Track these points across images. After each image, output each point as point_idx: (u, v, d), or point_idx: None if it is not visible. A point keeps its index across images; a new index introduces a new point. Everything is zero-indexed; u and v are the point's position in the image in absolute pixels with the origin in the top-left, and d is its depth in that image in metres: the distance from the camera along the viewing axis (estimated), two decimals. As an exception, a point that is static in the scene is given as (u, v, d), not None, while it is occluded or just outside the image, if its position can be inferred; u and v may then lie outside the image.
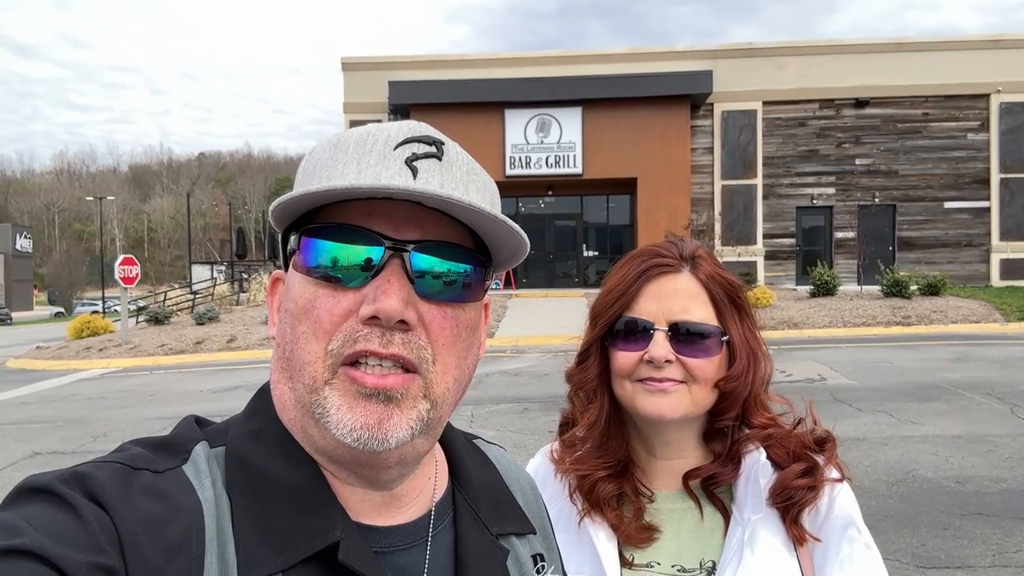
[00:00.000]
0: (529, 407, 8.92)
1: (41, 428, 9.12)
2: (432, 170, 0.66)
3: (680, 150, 23.91)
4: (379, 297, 0.63)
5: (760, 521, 1.11)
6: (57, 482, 0.59)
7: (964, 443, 6.67)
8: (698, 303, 1.17)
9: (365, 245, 0.65)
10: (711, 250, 1.18)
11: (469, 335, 0.71)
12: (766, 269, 24.39)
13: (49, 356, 17.84)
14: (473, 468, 0.83)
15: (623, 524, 1.17)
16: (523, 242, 0.70)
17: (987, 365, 11.11)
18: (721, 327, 1.17)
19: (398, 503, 0.72)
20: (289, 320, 0.68)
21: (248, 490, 0.65)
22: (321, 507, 0.66)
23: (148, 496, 0.60)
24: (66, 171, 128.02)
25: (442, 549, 0.74)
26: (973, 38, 24.73)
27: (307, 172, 0.70)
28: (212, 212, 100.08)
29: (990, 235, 24.14)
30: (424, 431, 0.67)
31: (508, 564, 0.77)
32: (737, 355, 1.17)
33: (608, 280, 1.25)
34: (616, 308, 1.20)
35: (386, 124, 0.70)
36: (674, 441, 1.21)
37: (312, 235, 0.67)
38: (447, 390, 0.69)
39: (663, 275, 1.19)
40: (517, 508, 0.85)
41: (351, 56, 26.25)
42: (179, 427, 0.71)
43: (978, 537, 4.54)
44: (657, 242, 1.28)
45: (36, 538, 0.53)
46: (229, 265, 36.70)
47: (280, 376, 0.70)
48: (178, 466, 0.65)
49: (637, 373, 1.16)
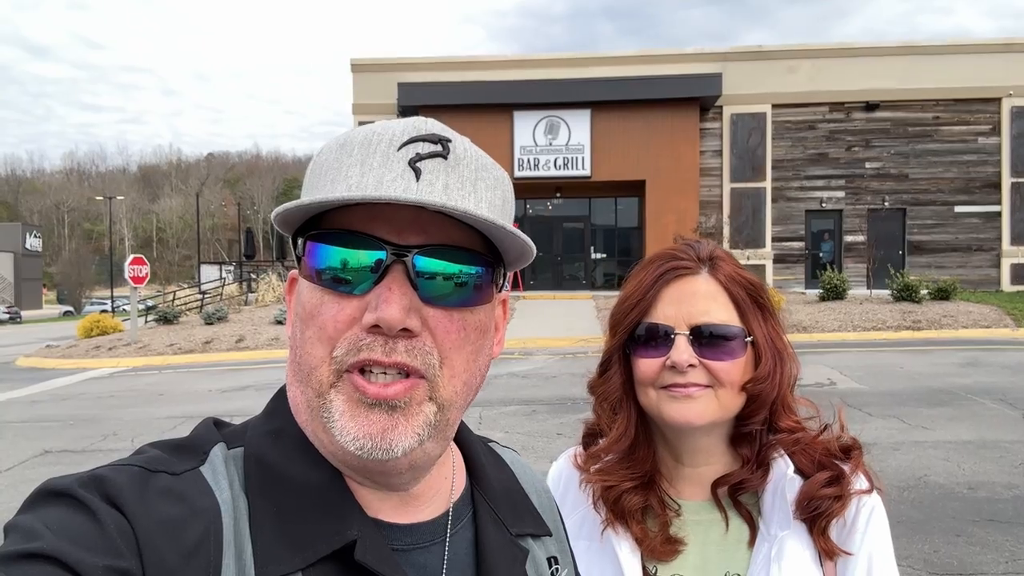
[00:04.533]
0: (537, 409, 8.90)
1: (51, 426, 9.16)
2: (436, 171, 0.65)
3: (689, 153, 23.85)
4: (380, 306, 0.63)
5: (788, 536, 1.09)
6: (76, 485, 0.59)
7: (975, 449, 6.62)
8: (719, 304, 1.14)
9: (367, 251, 0.65)
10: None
11: (478, 337, 0.70)
12: (775, 273, 24.30)
13: (59, 355, 17.92)
14: (491, 469, 0.83)
15: (648, 538, 1.15)
16: (528, 248, 0.70)
17: (998, 370, 11.03)
18: (744, 328, 1.14)
19: (416, 502, 0.72)
20: (299, 324, 0.68)
21: (266, 491, 0.65)
22: (339, 506, 0.66)
23: (166, 498, 0.61)
24: (76, 171, 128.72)
25: (461, 548, 0.74)
26: (984, 41, 24.59)
27: (314, 174, 0.70)
28: (221, 212, 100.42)
29: (1001, 240, 23.98)
30: (433, 435, 0.67)
31: (526, 565, 0.77)
32: (763, 356, 1.14)
33: (625, 287, 1.23)
34: (635, 315, 1.17)
35: (393, 122, 0.69)
36: (702, 448, 1.19)
37: (316, 240, 0.67)
38: (455, 393, 0.68)
39: (681, 278, 1.16)
40: (533, 510, 0.85)
41: (360, 57, 26.31)
42: (197, 429, 0.72)
43: (991, 544, 4.50)
44: (673, 245, 1.24)
45: (54, 542, 0.54)
46: (238, 265, 36.81)
47: (293, 379, 0.70)
48: (196, 468, 0.65)
49: (661, 380, 1.13)
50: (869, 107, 24.09)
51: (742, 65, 24.34)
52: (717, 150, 24.67)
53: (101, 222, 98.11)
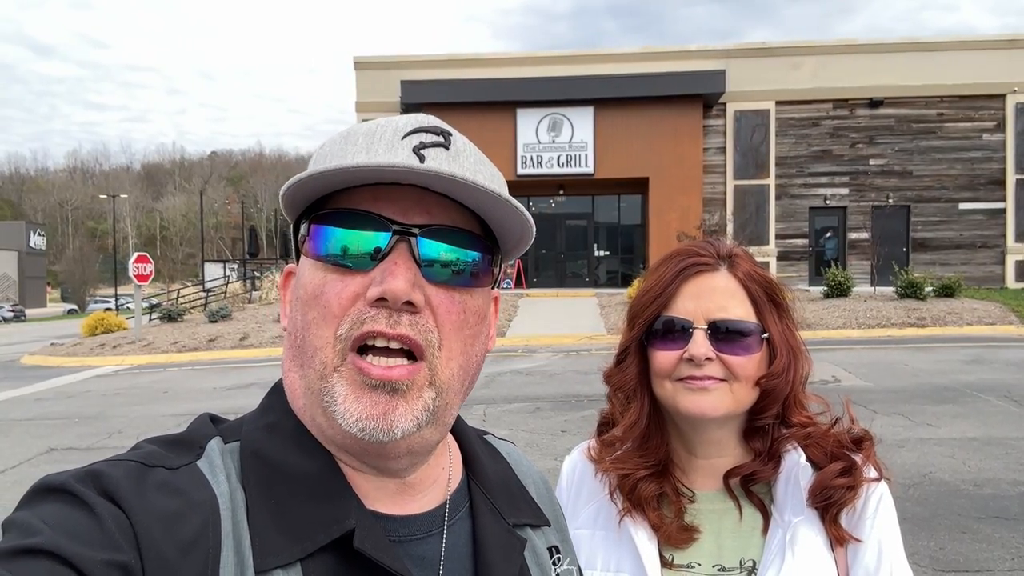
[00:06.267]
0: (541, 406, 8.90)
1: (57, 424, 9.18)
2: (439, 159, 0.67)
3: (692, 150, 23.82)
4: (386, 279, 0.64)
5: (801, 523, 1.12)
6: (72, 481, 0.59)
7: (981, 446, 6.60)
8: (736, 301, 1.17)
9: (373, 230, 0.66)
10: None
11: (477, 322, 0.71)
12: (778, 270, 24.24)
13: (64, 353, 17.98)
14: (487, 460, 0.84)
15: (664, 524, 1.17)
16: (529, 224, 0.71)
17: (1003, 367, 11.00)
18: (760, 324, 1.17)
19: (412, 491, 0.73)
20: (300, 307, 0.69)
21: (263, 483, 0.66)
22: (336, 496, 0.67)
23: (163, 492, 0.61)
24: (79, 169, 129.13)
25: (460, 539, 0.74)
26: (989, 38, 24.52)
27: (317, 162, 0.71)
28: (224, 211, 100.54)
29: (1005, 236, 23.92)
30: (431, 421, 0.68)
31: (525, 554, 0.78)
32: (777, 352, 1.18)
33: (645, 281, 1.26)
34: (654, 308, 1.20)
35: (395, 117, 0.71)
36: (715, 440, 1.21)
37: (321, 222, 0.68)
38: (452, 376, 0.69)
39: (700, 274, 1.19)
40: (531, 500, 0.86)
41: (364, 55, 26.32)
42: (193, 424, 0.72)
43: (997, 541, 4.49)
44: (693, 242, 1.28)
45: (52, 537, 0.54)
46: (241, 263, 36.84)
47: (291, 365, 0.71)
48: (192, 462, 0.65)
49: (677, 372, 1.16)
50: (873, 104, 24.03)
51: (745, 62, 24.29)
52: (720, 147, 24.63)
53: (105, 220, 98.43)
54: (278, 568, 0.61)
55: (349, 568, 0.63)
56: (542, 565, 0.80)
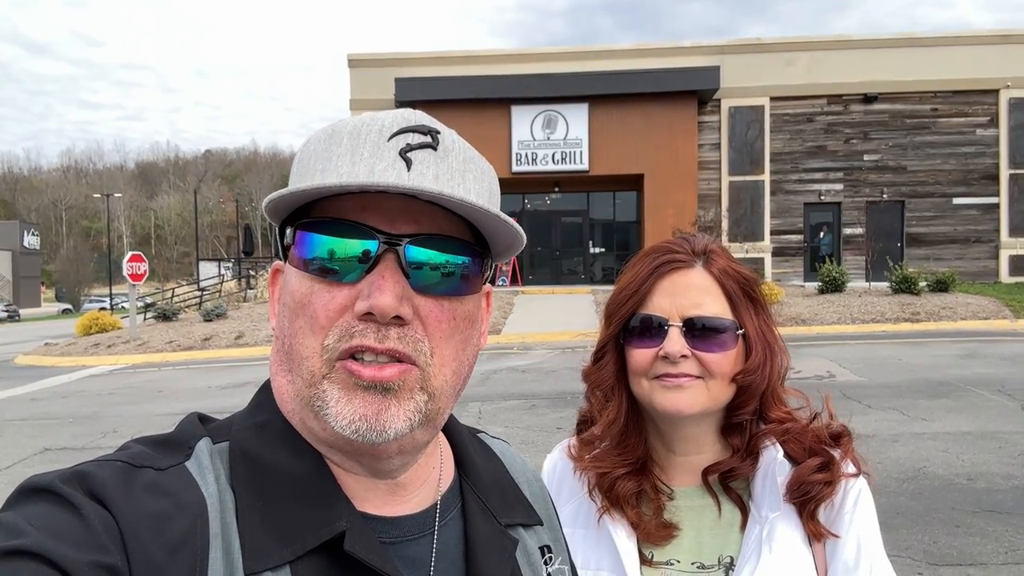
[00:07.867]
0: (537, 403, 8.91)
1: (51, 424, 9.16)
2: (427, 161, 0.65)
3: (687, 146, 23.82)
4: (373, 293, 0.63)
5: (778, 519, 1.12)
6: (58, 482, 0.58)
7: (975, 440, 6.63)
8: (712, 297, 1.17)
9: (359, 239, 0.64)
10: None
11: (467, 327, 0.71)
12: (774, 266, 24.30)
13: (58, 352, 17.92)
14: (479, 459, 0.83)
15: (643, 522, 1.17)
16: (519, 235, 0.70)
17: (997, 362, 11.05)
18: (736, 321, 1.17)
19: (403, 492, 0.72)
20: (287, 314, 0.68)
21: (252, 484, 0.65)
22: (326, 497, 0.66)
23: (151, 493, 0.60)
24: (73, 168, 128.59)
25: (451, 540, 0.74)
26: (982, 33, 24.57)
27: (302, 164, 0.69)
28: (219, 209, 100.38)
29: (999, 231, 23.97)
30: (423, 423, 0.67)
31: (517, 554, 0.77)
32: (753, 348, 1.17)
33: (621, 278, 1.25)
34: (630, 306, 1.20)
35: (381, 113, 0.69)
36: (692, 437, 1.21)
37: (307, 229, 0.66)
38: (445, 382, 0.68)
39: (676, 271, 1.19)
40: (523, 499, 0.85)
41: (358, 53, 26.20)
42: (182, 424, 0.71)
43: (990, 534, 4.51)
44: (669, 239, 1.27)
45: (38, 538, 0.53)
46: (236, 262, 36.74)
47: (279, 368, 0.70)
48: (181, 463, 0.65)
49: (653, 370, 1.16)
50: (867, 99, 24.04)
51: (740, 58, 24.29)
52: (715, 143, 24.63)
53: (99, 219, 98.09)
54: (267, 571, 0.60)
55: (340, 570, 0.63)
56: (533, 565, 0.80)
